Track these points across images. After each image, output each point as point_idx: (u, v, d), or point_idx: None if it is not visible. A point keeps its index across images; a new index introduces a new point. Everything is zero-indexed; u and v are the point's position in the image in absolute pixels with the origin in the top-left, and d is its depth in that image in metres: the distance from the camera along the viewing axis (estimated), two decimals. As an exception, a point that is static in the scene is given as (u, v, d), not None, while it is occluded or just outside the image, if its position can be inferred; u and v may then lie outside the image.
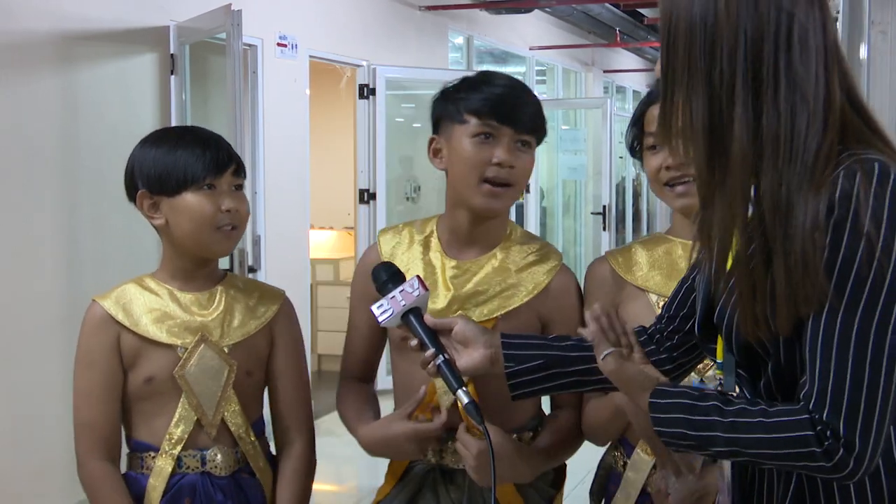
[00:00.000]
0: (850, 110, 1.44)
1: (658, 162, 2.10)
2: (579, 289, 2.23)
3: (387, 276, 1.91)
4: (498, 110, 2.09)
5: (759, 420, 1.37)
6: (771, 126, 1.41)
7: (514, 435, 2.11)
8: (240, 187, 2.14)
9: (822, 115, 1.40)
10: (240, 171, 2.14)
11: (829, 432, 1.31)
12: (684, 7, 1.46)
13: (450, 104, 2.15)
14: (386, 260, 2.07)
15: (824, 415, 1.32)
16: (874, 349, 1.31)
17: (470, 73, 2.24)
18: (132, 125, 5.37)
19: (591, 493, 2.25)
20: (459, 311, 2.11)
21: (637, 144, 2.20)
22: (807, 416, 1.33)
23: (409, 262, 2.18)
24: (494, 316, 2.12)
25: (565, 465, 2.25)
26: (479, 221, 2.15)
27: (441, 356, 1.79)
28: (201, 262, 2.15)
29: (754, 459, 1.41)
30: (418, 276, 1.88)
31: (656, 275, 2.12)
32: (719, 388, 1.57)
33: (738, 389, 1.58)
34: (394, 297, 1.85)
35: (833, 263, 1.33)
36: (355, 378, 2.28)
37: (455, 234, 2.19)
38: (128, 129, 5.31)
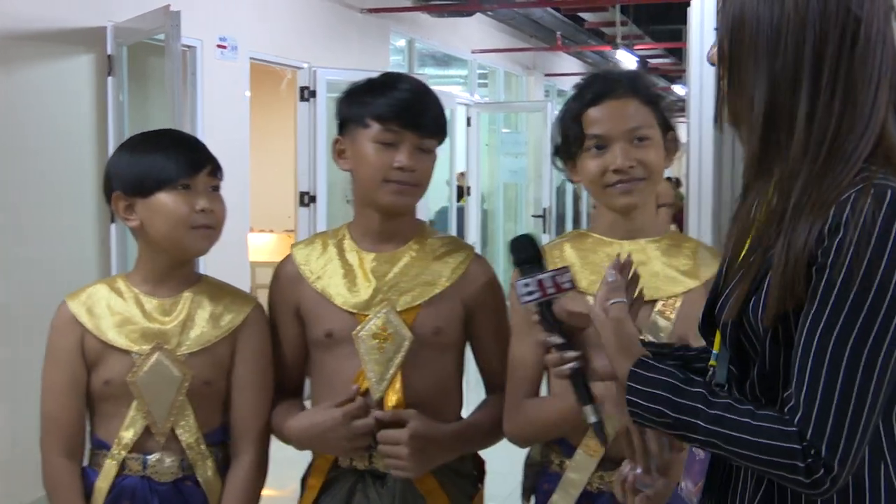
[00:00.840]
0: (893, 125, 1.45)
1: (604, 164, 2.05)
2: (496, 277, 2.24)
3: (525, 256, 1.71)
4: (401, 116, 2.10)
5: (746, 420, 1.38)
6: (822, 126, 1.42)
7: None
8: (216, 188, 2.16)
9: (864, 127, 1.42)
10: (216, 171, 2.16)
11: (812, 451, 1.33)
12: (754, 3, 1.47)
13: (354, 107, 2.16)
14: (529, 235, 1.80)
15: (808, 434, 1.34)
16: (862, 377, 1.33)
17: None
18: (70, 126, 5.33)
19: (523, 490, 2.20)
20: (384, 301, 2.12)
21: (573, 144, 2.10)
22: (795, 429, 1.35)
23: (326, 263, 2.19)
24: (418, 303, 2.13)
25: (483, 462, 2.26)
26: (389, 218, 2.17)
27: (577, 362, 1.63)
28: (177, 264, 2.16)
29: (730, 455, 1.42)
30: (568, 268, 1.71)
31: (589, 274, 2.09)
32: (710, 380, 1.56)
33: (726, 385, 1.58)
34: (542, 280, 1.67)
35: (832, 285, 1.35)
36: (288, 385, 2.26)
37: (368, 234, 2.20)
38: (66, 131, 5.28)
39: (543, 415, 2.04)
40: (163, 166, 2.07)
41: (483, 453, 2.26)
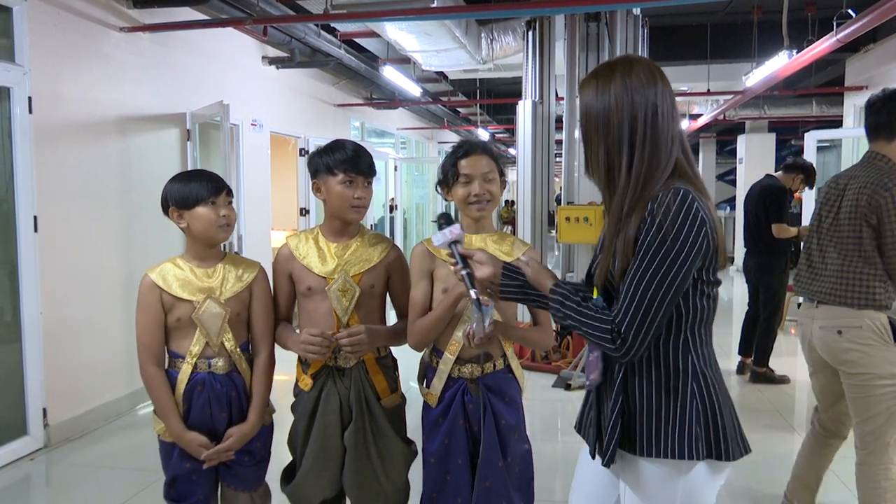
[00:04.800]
0: (685, 162, 1.45)
1: (467, 192, 2.01)
2: (404, 256, 2.19)
3: (444, 221, 1.79)
4: (355, 166, 2.05)
5: (592, 315, 1.41)
6: (637, 168, 1.41)
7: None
8: (230, 202, 2.09)
9: (665, 164, 1.42)
10: (230, 192, 2.09)
11: (616, 332, 1.37)
12: (593, 103, 1.46)
13: (321, 161, 2.09)
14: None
15: (617, 322, 1.37)
16: (652, 293, 1.34)
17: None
18: (165, 172, 5.09)
19: (418, 378, 2.14)
20: (342, 270, 2.08)
21: (451, 179, 2.05)
22: (611, 319, 1.38)
23: (308, 249, 2.12)
24: (362, 271, 2.09)
25: (397, 360, 2.22)
26: (347, 225, 2.13)
27: (466, 270, 1.67)
28: (210, 247, 2.08)
29: (582, 334, 1.43)
30: (460, 223, 1.74)
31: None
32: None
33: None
34: (445, 232, 1.73)
35: (645, 243, 1.36)
36: (282, 317, 2.20)
37: (333, 232, 2.14)
38: (162, 174, 5.02)
39: (424, 323, 2.01)
40: (199, 191, 2.01)
41: (399, 360, 2.22)
